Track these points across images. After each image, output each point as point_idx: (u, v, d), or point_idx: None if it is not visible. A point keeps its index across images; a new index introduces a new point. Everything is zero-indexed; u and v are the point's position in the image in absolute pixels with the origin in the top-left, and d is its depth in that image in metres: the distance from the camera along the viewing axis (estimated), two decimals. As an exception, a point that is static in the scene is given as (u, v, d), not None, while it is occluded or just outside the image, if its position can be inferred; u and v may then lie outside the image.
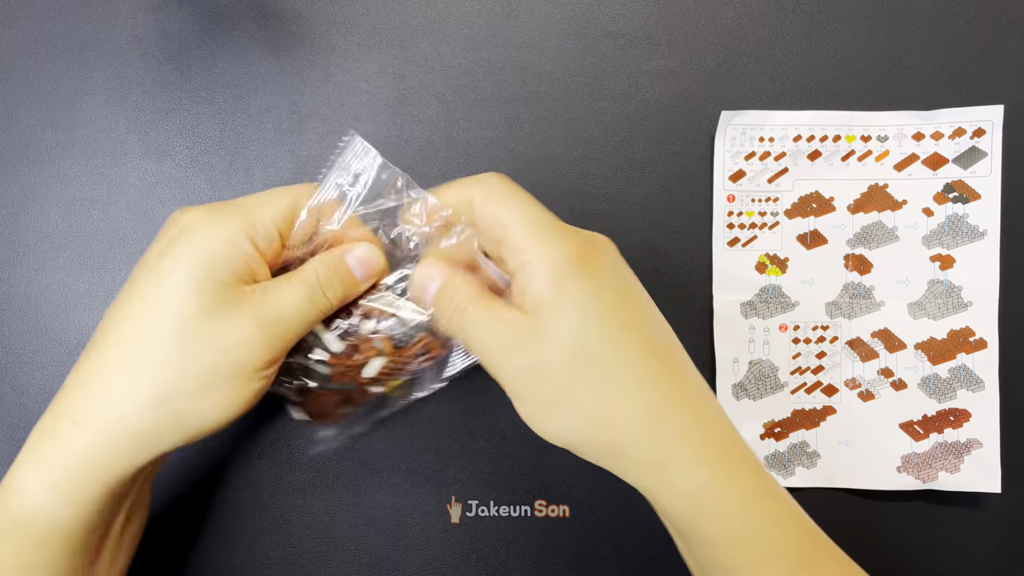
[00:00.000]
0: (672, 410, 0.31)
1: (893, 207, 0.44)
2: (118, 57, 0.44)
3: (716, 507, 0.31)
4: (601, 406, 0.31)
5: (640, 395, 0.31)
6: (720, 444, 0.31)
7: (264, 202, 0.33)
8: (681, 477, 0.31)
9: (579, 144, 0.44)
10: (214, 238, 0.31)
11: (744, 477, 0.31)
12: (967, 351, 0.43)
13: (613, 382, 0.30)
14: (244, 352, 0.31)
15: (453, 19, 0.44)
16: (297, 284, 0.33)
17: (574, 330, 0.30)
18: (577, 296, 0.30)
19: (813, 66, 0.44)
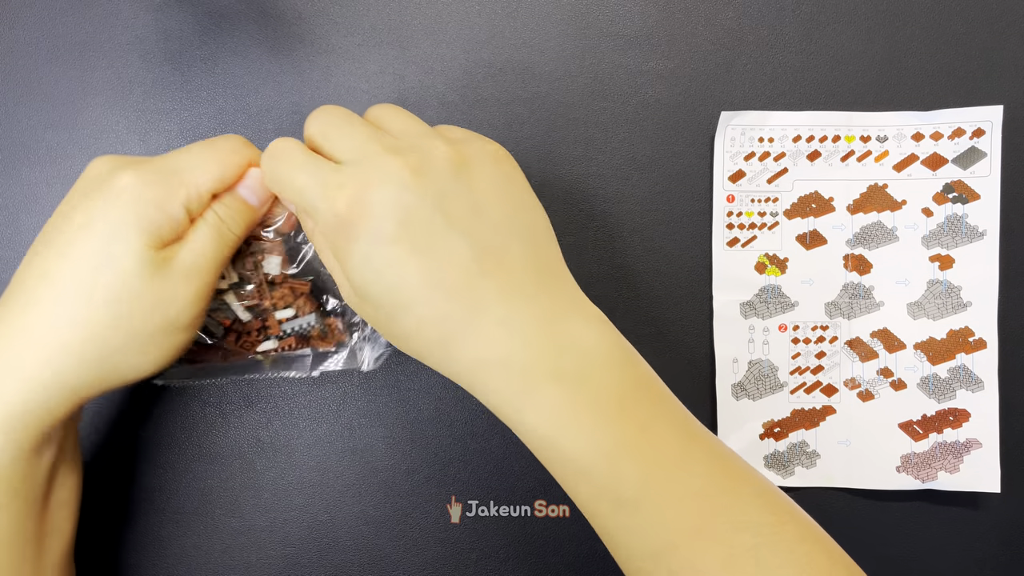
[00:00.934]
0: (457, 342, 0.31)
1: (892, 207, 0.44)
2: (119, 57, 0.44)
3: (515, 421, 0.32)
4: (409, 342, 0.33)
5: (431, 334, 0.32)
6: (517, 364, 0.31)
7: (198, 167, 0.33)
8: (486, 396, 0.32)
9: (579, 144, 0.44)
10: (149, 203, 0.32)
11: (549, 396, 0.31)
12: (967, 351, 0.43)
13: (410, 327, 0.32)
14: (176, 308, 0.33)
15: (453, 20, 0.44)
16: (205, 231, 0.34)
17: (363, 289, 0.32)
18: (350, 262, 0.31)
19: (813, 66, 0.44)
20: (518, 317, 0.31)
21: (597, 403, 0.31)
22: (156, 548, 0.44)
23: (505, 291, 0.31)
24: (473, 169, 0.32)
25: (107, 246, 0.32)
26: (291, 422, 0.44)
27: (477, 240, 0.31)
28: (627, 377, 0.32)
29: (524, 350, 0.31)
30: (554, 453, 0.31)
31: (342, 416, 0.44)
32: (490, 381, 0.32)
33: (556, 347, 0.31)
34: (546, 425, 0.31)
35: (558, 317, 0.32)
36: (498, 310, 0.31)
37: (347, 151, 0.32)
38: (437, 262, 0.31)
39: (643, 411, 0.31)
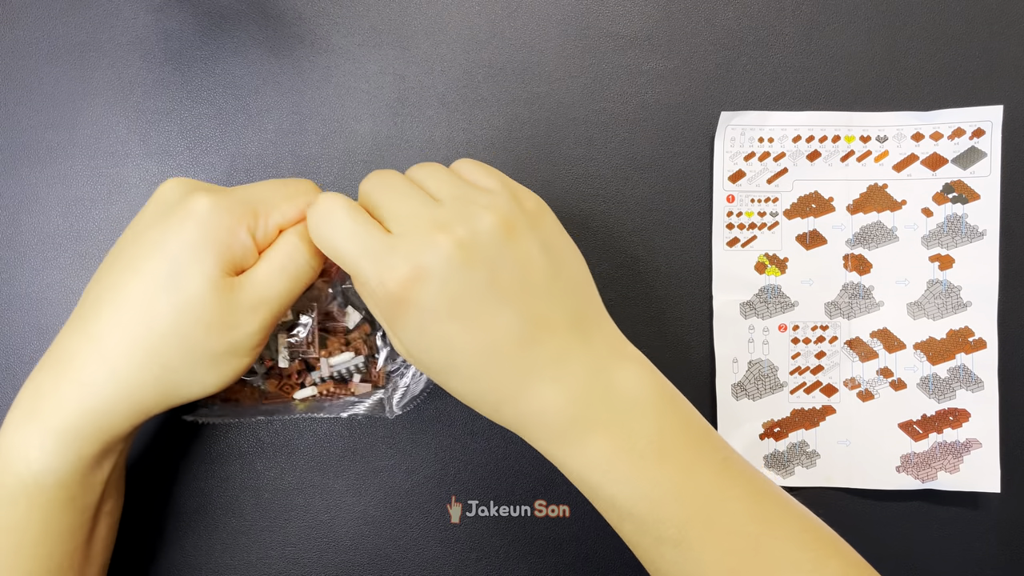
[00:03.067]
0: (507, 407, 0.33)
1: (892, 207, 0.44)
2: (119, 58, 0.44)
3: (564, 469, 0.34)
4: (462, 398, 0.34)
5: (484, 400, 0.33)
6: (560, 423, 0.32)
7: (273, 203, 0.34)
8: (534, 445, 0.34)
9: (579, 144, 0.44)
10: (221, 228, 0.32)
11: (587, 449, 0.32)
12: (966, 351, 0.43)
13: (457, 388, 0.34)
14: (240, 334, 0.33)
15: (453, 20, 0.44)
16: (280, 262, 0.34)
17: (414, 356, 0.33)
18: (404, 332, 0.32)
19: (813, 66, 0.44)
20: (565, 376, 0.32)
21: (639, 449, 0.32)
22: (156, 548, 0.44)
23: (553, 354, 0.32)
24: (518, 235, 0.32)
25: (178, 266, 0.32)
26: (291, 422, 0.44)
27: (526, 311, 0.32)
28: (668, 421, 0.33)
29: (571, 405, 0.32)
30: (598, 496, 0.33)
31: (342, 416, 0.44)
32: (538, 431, 0.33)
33: (600, 398, 0.32)
34: (590, 472, 0.32)
35: (602, 367, 0.33)
36: (547, 372, 0.32)
37: (397, 221, 0.32)
38: (489, 336, 0.31)
39: (684, 453, 0.32)
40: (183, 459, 0.44)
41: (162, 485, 0.44)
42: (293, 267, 0.34)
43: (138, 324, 0.32)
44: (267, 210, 0.34)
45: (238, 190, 0.34)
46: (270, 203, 0.34)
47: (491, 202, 0.33)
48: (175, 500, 0.44)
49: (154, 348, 0.32)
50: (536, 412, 0.32)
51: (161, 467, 0.44)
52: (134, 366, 0.32)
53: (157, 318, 0.32)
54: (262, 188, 0.35)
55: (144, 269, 0.32)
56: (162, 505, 0.44)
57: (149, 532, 0.44)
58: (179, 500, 0.44)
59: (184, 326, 0.32)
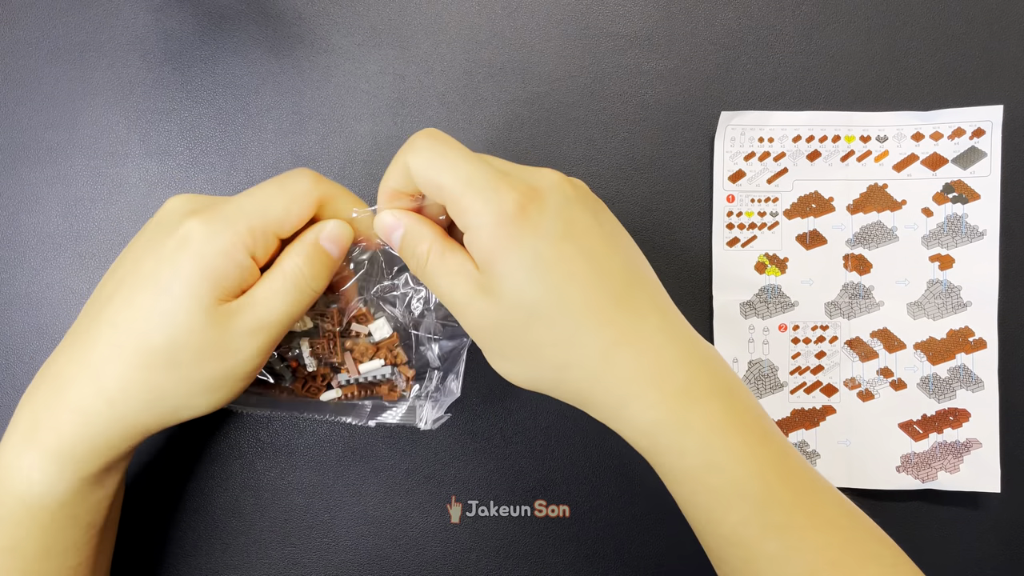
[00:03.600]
0: (622, 349, 0.31)
1: (892, 207, 0.44)
2: (119, 57, 0.44)
3: (672, 444, 0.31)
4: (559, 356, 0.32)
5: (592, 341, 0.31)
6: (679, 379, 0.31)
7: (261, 208, 0.32)
8: (637, 415, 0.32)
9: (579, 144, 0.44)
10: (216, 254, 0.31)
11: (707, 414, 0.31)
12: (966, 351, 0.43)
13: (566, 333, 0.31)
14: (236, 360, 0.32)
15: (453, 19, 0.44)
16: (282, 284, 0.33)
17: (520, 290, 0.31)
18: (518, 256, 0.31)
19: (813, 66, 0.44)
20: (674, 329, 0.32)
21: (747, 423, 0.31)
22: (156, 548, 0.44)
23: (655, 303, 0.32)
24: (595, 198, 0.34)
25: (173, 299, 0.31)
26: (291, 422, 0.44)
27: (626, 258, 0.33)
28: (755, 404, 0.33)
29: (687, 360, 0.31)
30: (714, 477, 0.31)
31: (342, 416, 0.44)
32: (649, 393, 0.31)
33: (704, 363, 0.32)
34: (710, 442, 0.31)
35: (694, 336, 0.33)
36: (655, 320, 0.32)
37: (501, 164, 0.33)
38: (603, 266, 0.31)
39: (776, 435, 0.32)
40: (183, 459, 0.44)
41: (162, 485, 0.44)
42: (295, 290, 0.33)
43: (132, 355, 0.31)
44: (265, 224, 0.32)
45: (232, 206, 0.32)
46: (268, 215, 0.32)
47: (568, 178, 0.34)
48: (175, 500, 0.44)
49: (149, 378, 0.32)
50: (654, 359, 0.31)
51: (161, 467, 0.44)
52: (130, 395, 0.32)
53: (152, 351, 0.31)
54: (259, 197, 0.33)
55: (137, 302, 0.32)
56: (162, 505, 0.44)
57: (149, 532, 0.44)
58: (179, 500, 0.44)
59: (179, 357, 0.31)
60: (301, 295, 0.33)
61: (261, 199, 0.33)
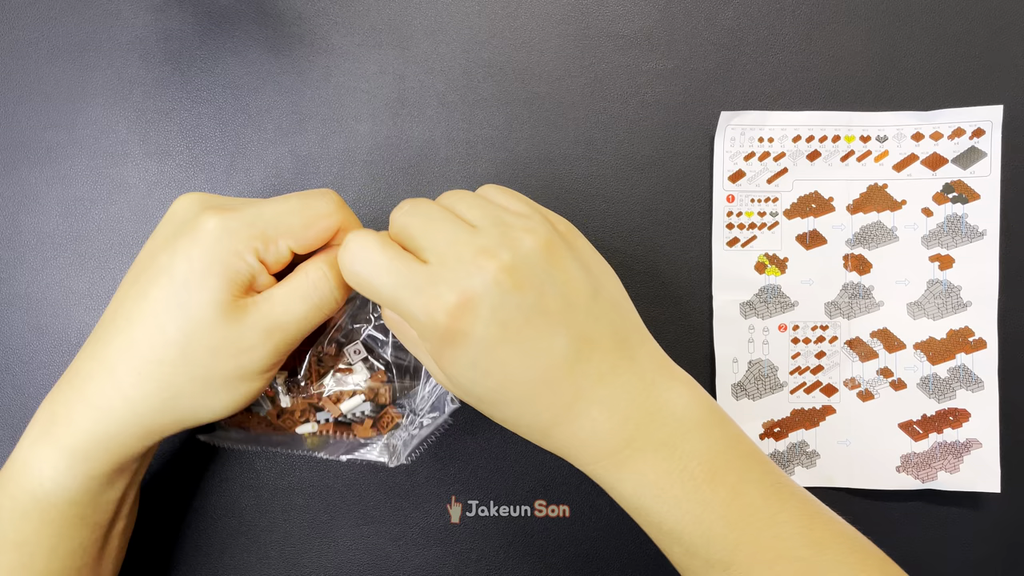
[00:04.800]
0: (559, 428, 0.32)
1: (892, 207, 0.44)
2: (119, 57, 0.44)
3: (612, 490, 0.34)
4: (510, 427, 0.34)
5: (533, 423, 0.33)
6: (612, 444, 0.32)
7: (280, 218, 0.33)
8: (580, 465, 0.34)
9: (579, 144, 0.44)
10: (229, 252, 0.32)
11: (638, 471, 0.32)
12: (966, 351, 0.43)
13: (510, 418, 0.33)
14: (250, 358, 0.32)
15: (453, 19, 0.44)
16: (304, 287, 0.33)
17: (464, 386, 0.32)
18: (456, 366, 0.31)
19: (813, 66, 0.44)
20: (615, 395, 0.32)
21: (689, 470, 0.32)
22: (156, 548, 0.44)
23: (602, 373, 0.32)
24: (559, 256, 0.32)
25: (186, 291, 0.31)
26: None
27: (574, 332, 0.31)
28: (717, 440, 0.33)
29: (623, 426, 0.32)
30: (647, 518, 0.33)
31: (342, 416, 0.44)
32: (588, 453, 0.33)
33: (650, 418, 0.32)
34: (640, 494, 0.32)
35: (649, 386, 0.33)
36: (597, 392, 0.32)
37: (436, 250, 0.31)
38: (541, 360, 0.31)
39: (733, 473, 0.32)
40: (183, 459, 0.44)
41: (162, 485, 0.44)
42: (316, 296, 0.33)
43: (147, 350, 0.32)
44: (278, 235, 0.32)
45: (250, 209, 0.33)
46: (284, 228, 0.32)
47: (528, 225, 0.32)
48: (175, 500, 0.44)
49: (163, 374, 0.32)
50: (587, 435, 0.32)
51: (161, 467, 0.44)
52: (144, 391, 0.32)
53: (166, 344, 0.32)
54: (279, 208, 0.33)
55: (152, 295, 0.32)
56: (162, 505, 0.44)
57: (149, 532, 0.44)
58: (179, 500, 0.44)
59: (193, 352, 0.32)
60: (322, 301, 0.33)
61: (282, 209, 0.33)
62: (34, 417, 0.34)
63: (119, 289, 0.34)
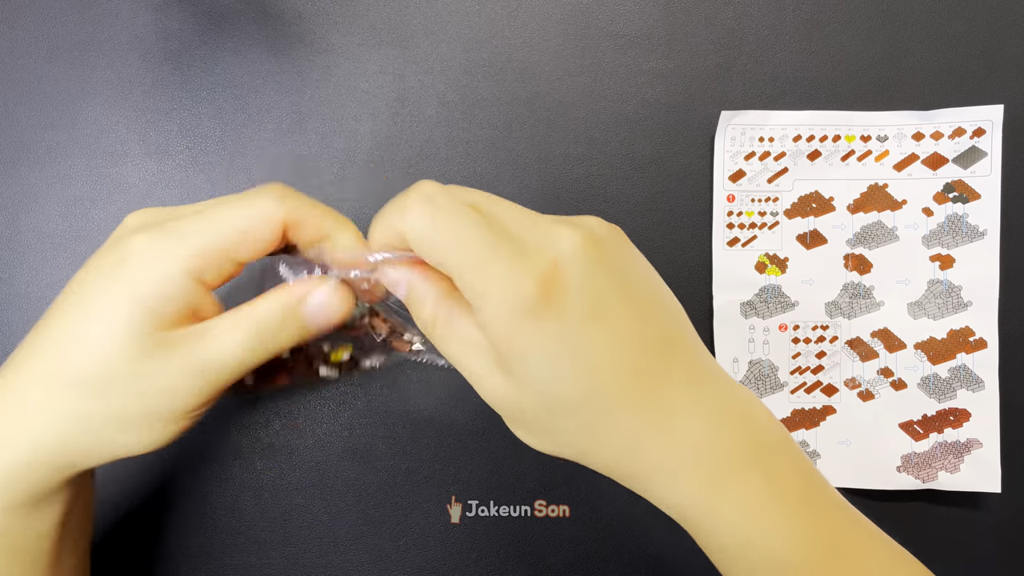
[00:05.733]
0: (649, 438, 0.28)
1: (893, 207, 0.44)
2: (118, 57, 0.44)
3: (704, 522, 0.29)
4: (582, 443, 0.29)
5: (618, 432, 0.28)
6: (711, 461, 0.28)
7: (215, 229, 0.29)
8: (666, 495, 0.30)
9: (579, 144, 0.44)
10: (156, 278, 0.28)
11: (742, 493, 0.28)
12: (967, 351, 0.43)
13: (590, 424, 0.29)
14: (171, 398, 0.29)
15: (453, 19, 0.44)
16: (245, 327, 0.30)
17: (542, 381, 0.28)
18: (540, 348, 0.27)
19: (813, 66, 0.44)
20: (707, 401, 0.28)
21: (787, 491, 0.29)
22: (156, 548, 0.44)
23: (692, 375, 0.29)
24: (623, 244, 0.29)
25: (101, 324, 0.28)
26: (291, 422, 0.44)
27: (661, 321, 0.29)
28: (804, 461, 0.30)
29: (718, 437, 0.28)
30: (751, 550, 0.29)
31: (342, 416, 0.44)
32: (679, 475, 0.29)
33: (743, 430, 0.29)
34: (744, 520, 0.28)
35: (730, 396, 0.29)
36: (691, 396, 0.28)
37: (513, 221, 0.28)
38: (633, 349, 0.28)
39: (821, 499, 0.30)
40: (183, 459, 0.44)
41: (161, 485, 0.44)
42: (256, 339, 0.29)
43: (57, 381, 0.29)
44: (217, 247, 0.29)
45: (184, 223, 0.29)
46: (222, 237, 0.29)
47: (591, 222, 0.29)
48: (175, 500, 0.44)
49: (73, 408, 0.29)
50: (686, 448, 0.28)
51: (161, 467, 0.44)
52: (51, 426, 0.29)
53: (77, 379, 0.28)
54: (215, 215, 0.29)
55: (68, 325, 0.29)
56: (161, 505, 0.43)
57: (148, 532, 0.44)
58: (179, 500, 0.44)
59: (108, 388, 0.28)
60: (262, 347, 0.30)
61: (216, 218, 0.29)
62: None
63: (49, 307, 0.31)
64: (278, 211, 0.30)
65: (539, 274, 0.26)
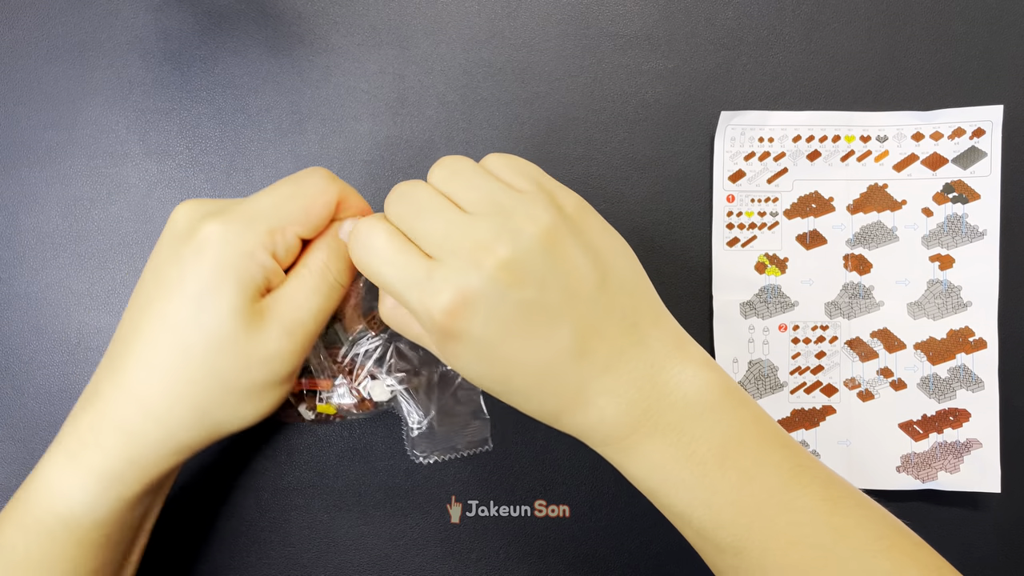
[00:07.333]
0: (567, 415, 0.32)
1: (892, 207, 0.44)
2: (118, 57, 0.44)
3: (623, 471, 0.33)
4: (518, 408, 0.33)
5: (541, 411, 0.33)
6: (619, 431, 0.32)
7: (279, 208, 0.32)
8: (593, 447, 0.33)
9: (579, 144, 0.44)
10: (239, 256, 0.31)
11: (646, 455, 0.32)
12: (967, 351, 0.43)
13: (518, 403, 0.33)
14: (276, 364, 0.32)
15: (453, 19, 0.44)
16: (308, 282, 0.33)
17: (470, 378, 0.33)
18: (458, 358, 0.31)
19: (813, 66, 0.44)
20: (621, 383, 0.31)
21: (698, 454, 0.31)
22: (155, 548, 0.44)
23: (608, 362, 0.31)
24: (562, 244, 0.30)
25: (202, 305, 0.31)
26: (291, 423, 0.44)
27: (577, 323, 0.30)
28: (731, 423, 0.32)
29: (629, 412, 0.31)
30: (657, 500, 0.33)
31: (342, 416, 0.44)
32: (597, 438, 0.32)
33: (658, 402, 0.31)
34: (648, 476, 0.32)
35: (660, 367, 0.32)
36: (603, 381, 0.31)
37: (433, 243, 0.30)
38: (544, 353, 0.30)
39: (747, 457, 0.31)
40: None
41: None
42: (324, 284, 0.33)
43: (172, 369, 0.31)
44: (283, 224, 0.32)
45: (248, 207, 0.32)
46: (285, 215, 0.32)
47: (530, 211, 0.30)
48: (175, 500, 0.44)
49: (191, 391, 0.31)
50: (595, 421, 0.32)
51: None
52: (174, 410, 0.32)
53: (190, 361, 0.31)
54: (274, 198, 0.32)
55: (168, 313, 0.31)
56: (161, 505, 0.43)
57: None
58: (179, 500, 0.44)
59: (219, 366, 0.31)
60: (330, 290, 0.33)
61: (278, 199, 0.32)
62: (57, 439, 0.33)
63: (129, 307, 0.33)
64: (332, 188, 0.33)
65: (447, 305, 0.29)
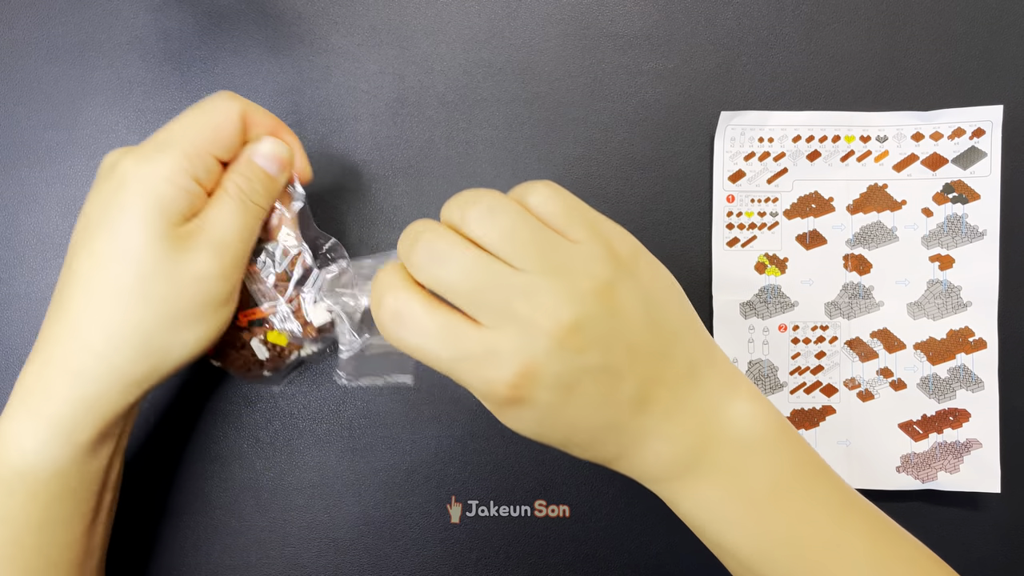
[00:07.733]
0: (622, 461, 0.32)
1: (892, 207, 0.44)
2: (118, 57, 0.44)
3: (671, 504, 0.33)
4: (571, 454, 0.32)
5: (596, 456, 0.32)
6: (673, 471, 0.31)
7: (190, 132, 0.33)
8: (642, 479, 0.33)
9: (579, 144, 0.44)
10: (156, 183, 0.32)
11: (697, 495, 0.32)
12: (966, 351, 0.43)
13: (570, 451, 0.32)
14: (208, 283, 0.33)
15: (453, 19, 0.44)
16: (228, 204, 0.34)
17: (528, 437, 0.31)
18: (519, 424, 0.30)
19: (813, 66, 0.44)
20: (678, 429, 0.31)
21: (750, 493, 0.31)
22: (155, 548, 0.44)
23: (668, 409, 0.31)
24: (621, 298, 0.29)
25: (127, 235, 0.32)
26: (291, 422, 0.44)
27: (640, 377, 0.30)
28: (782, 462, 0.31)
29: (685, 455, 0.31)
30: (705, 536, 0.32)
31: (342, 416, 0.44)
32: (648, 476, 0.32)
33: (714, 440, 0.31)
34: (700, 515, 0.32)
35: (716, 407, 0.31)
36: (662, 428, 0.31)
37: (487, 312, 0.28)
38: (608, 412, 0.30)
39: (797, 497, 0.31)
40: (183, 459, 0.44)
41: (162, 485, 0.44)
42: (241, 207, 0.34)
43: (108, 303, 0.32)
44: (198, 145, 0.33)
45: (160, 135, 0.33)
46: (195, 137, 0.33)
47: (589, 268, 0.29)
48: (175, 500, 0.44)
49: (129, 320, 0.32)
50: (651, 464, 0.31)
51: (160, 468, 0.44)
52: (116, 344, 0.32)
53: (123, 292, 0.32)
54: (182, 123, 0.34)
55: (97, 250, 0.32)
56: (162, 505, 0.44)
57: (149, 532, 0.44)
58: (179, 500, 0.44)
59: (151, 290, 0.32)
60: (248, 211, 0.34)
61: (187, 123, 0.34)
62: (13, 391, 0.33)
63: (67, 254, 0.34)
64: (236, 106, 0.34)
65: (511, 379, 0.28)
